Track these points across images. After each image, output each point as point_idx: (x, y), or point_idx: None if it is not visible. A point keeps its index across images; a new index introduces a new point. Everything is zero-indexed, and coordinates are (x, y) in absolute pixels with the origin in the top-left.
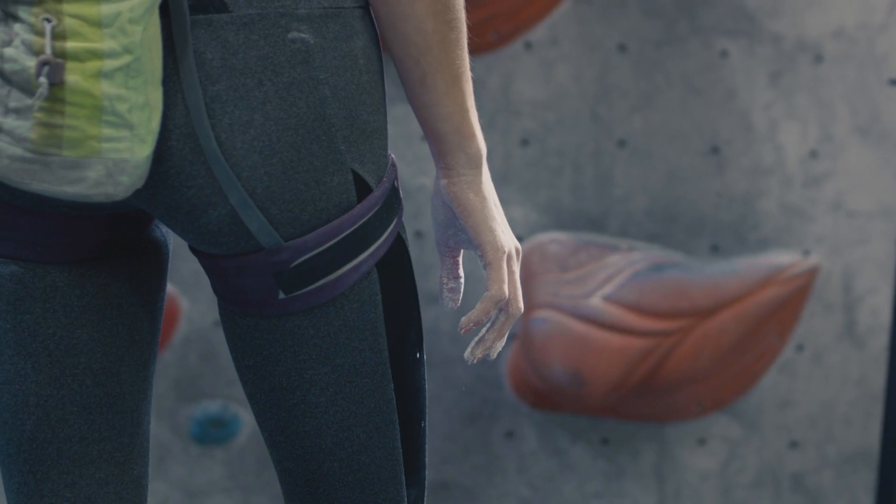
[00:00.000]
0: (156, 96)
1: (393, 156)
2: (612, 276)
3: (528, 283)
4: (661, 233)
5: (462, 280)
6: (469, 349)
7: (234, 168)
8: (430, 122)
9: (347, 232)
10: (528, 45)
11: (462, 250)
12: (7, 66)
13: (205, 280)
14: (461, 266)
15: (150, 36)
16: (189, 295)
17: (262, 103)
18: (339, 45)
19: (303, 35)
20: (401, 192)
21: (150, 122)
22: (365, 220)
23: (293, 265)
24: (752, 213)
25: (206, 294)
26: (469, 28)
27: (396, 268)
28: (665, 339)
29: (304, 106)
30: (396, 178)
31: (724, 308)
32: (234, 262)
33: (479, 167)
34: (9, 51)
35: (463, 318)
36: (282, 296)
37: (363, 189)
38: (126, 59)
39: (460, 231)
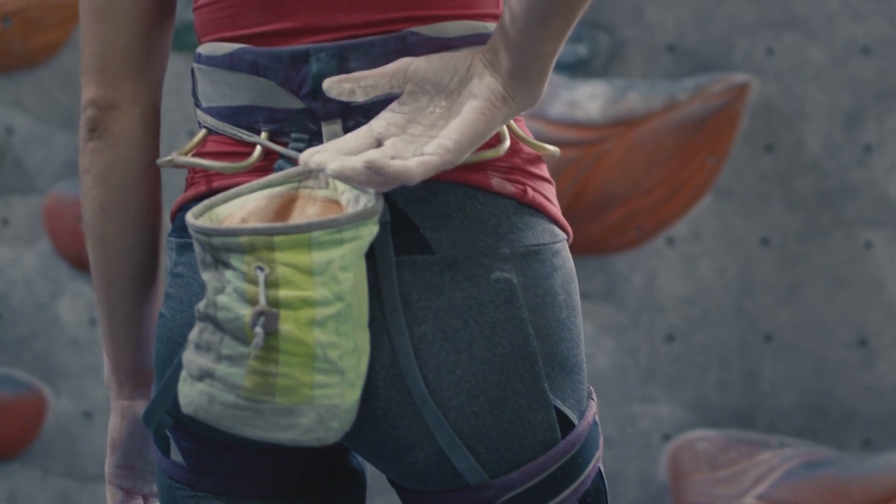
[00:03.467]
0: (363, 339)
1: (591, 388)
2: (764, 475)
3: (678, 482)
4: (811, 428)
5: None
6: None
7: (442, 408)
8: (520, 51)
9: (552, 469)
10: (671, 241)
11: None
12: (221, 315)
13: None
14: None
15: (357, 280)
16: None
17: (468, 344)
18: (541, 282)
19: (506, 274)
20: (599, 425)
21: (359, 366)
22: (569, 456)
23: (498, 502)
24: None
25: None
26: (611, 226)
27: (595, 502)
28: None
29: (508, 345)
30: (596, 411)
31: None
32: (439, 499)
33: (523, 107)
34: (222, 299)
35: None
36: None
37: (566, 425)
38: (337, 306)
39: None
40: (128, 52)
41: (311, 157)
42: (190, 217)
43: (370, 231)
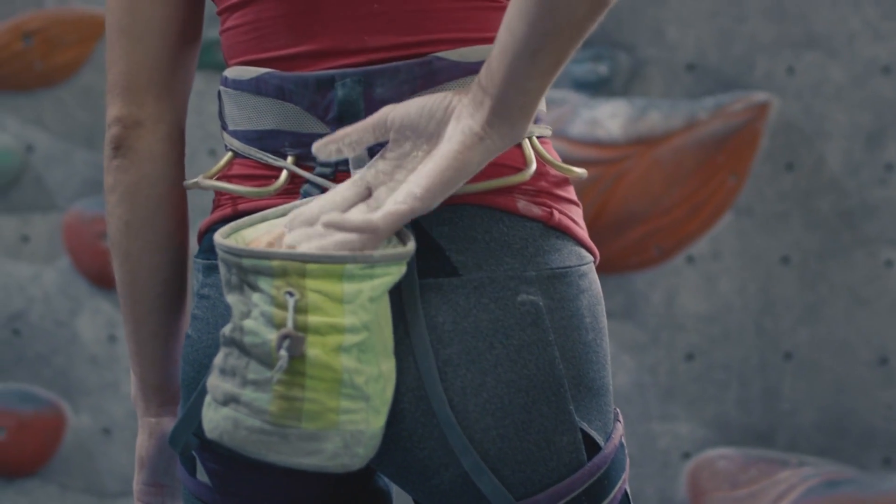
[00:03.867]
0: (388, 366)
1: (618, 410)
2: (784, 494)
3: (698, 500)
4: (832, 447)
5: None
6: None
7: (467, 431)
8: (506, 85)
9: (578, 491)
10: (691, 260)
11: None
12: (247, 339)
13: None
14: None
15: (382, 308)
16: None
17: (494, 366)
18: (567, 304)
19: (532, 297)
20: (626, 447)
21: (384, 392)
22: (595, 478)
23: None
24: None
25: None
26: (631, 244)
27: None
28: None
29: (534, 367)
30: (623, 433)
31: None
32: None
33: (504, 145)
34: (249, 323)
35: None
36: None
37: (592, 447)
38: (363, 335)
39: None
40: (154, 70)
41: (290, 234)
42: (218, 237)
43: (399, 270)
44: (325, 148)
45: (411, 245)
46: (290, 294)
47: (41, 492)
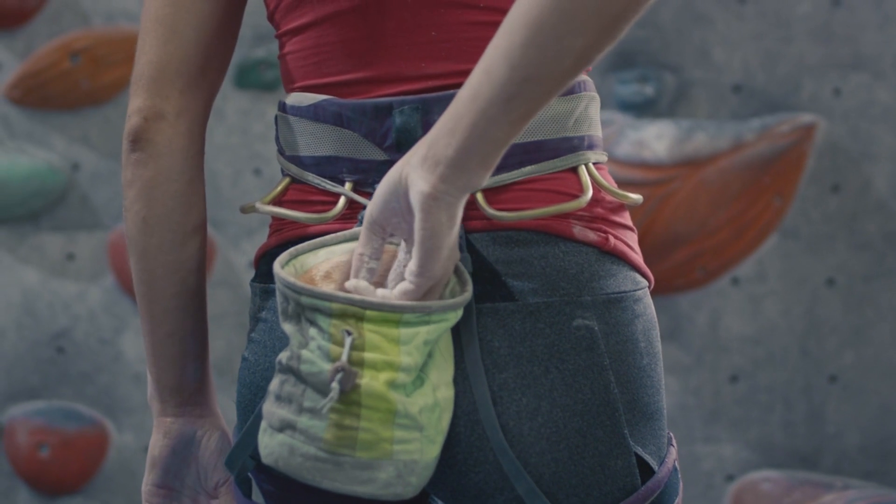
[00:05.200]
0: (446, 395)
1: (671, 434)
2: None
3: None
4: (877, 470)
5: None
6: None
7: (522, 455)
8: (472, 132)
9: None
10: (736, 281)
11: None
12: (304, 368)
13: None
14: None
15: (442, 338)
16: None
17: (549, 391)
18: (622, 329)
19: (587, 322)
20: (679, 471)
21: (439, 421)
22: (649, 502)
23: None
24: None
25: None
26: (677, 265)
27: None
28: None
29: (589, 392)
30: (676, 457)
31: None
32: None
33: (464, 194)
34: (306, 353)
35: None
36: None
37: (646, 471)
38: (415, 374)
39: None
40: (184, 63)
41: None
42: (278, 268)
43: (456, 315)
44: (357, 285)
45: (468, 292)
46: (348, 333)
47: None
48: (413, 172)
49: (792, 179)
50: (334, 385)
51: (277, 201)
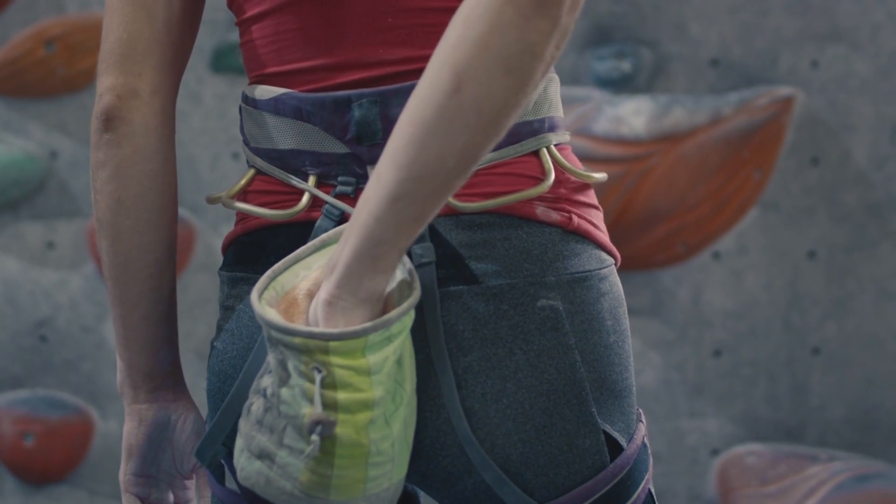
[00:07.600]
0: (412, 406)
1: (640, 411)
2: (814, 489)
3: (727, 496)
4: (861, 441)
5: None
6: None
7: (489, 437)
8: (361, 234)
9: (601, 492)
10: (717, 256)
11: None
12: (283, 408)
13: None
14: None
15: (405, 351)
16: None
17: (514, 372)
18: (587, 308)
19: (551, 302)
20: (649, 447)
21: (407, 436)
22: (618, 479)
23: None
24: None
25: None
26: (657, 241)
27: None
28: None
29: (555, 372)
30: (646, 433)
31: None
32: None
33: (362, 299)
34: (285, 393)
35: None
36: None
37: (615, 448)
38: (389, 404)
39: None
40: (155, 40)
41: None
42: (255, 298)
43: (412, 317)
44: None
45: (417, 290)
46: (318, 370)
47: (70, 498)
48: (321, 275)
49: (771, 152)
50: (314, 438)
51: (244, 192)
